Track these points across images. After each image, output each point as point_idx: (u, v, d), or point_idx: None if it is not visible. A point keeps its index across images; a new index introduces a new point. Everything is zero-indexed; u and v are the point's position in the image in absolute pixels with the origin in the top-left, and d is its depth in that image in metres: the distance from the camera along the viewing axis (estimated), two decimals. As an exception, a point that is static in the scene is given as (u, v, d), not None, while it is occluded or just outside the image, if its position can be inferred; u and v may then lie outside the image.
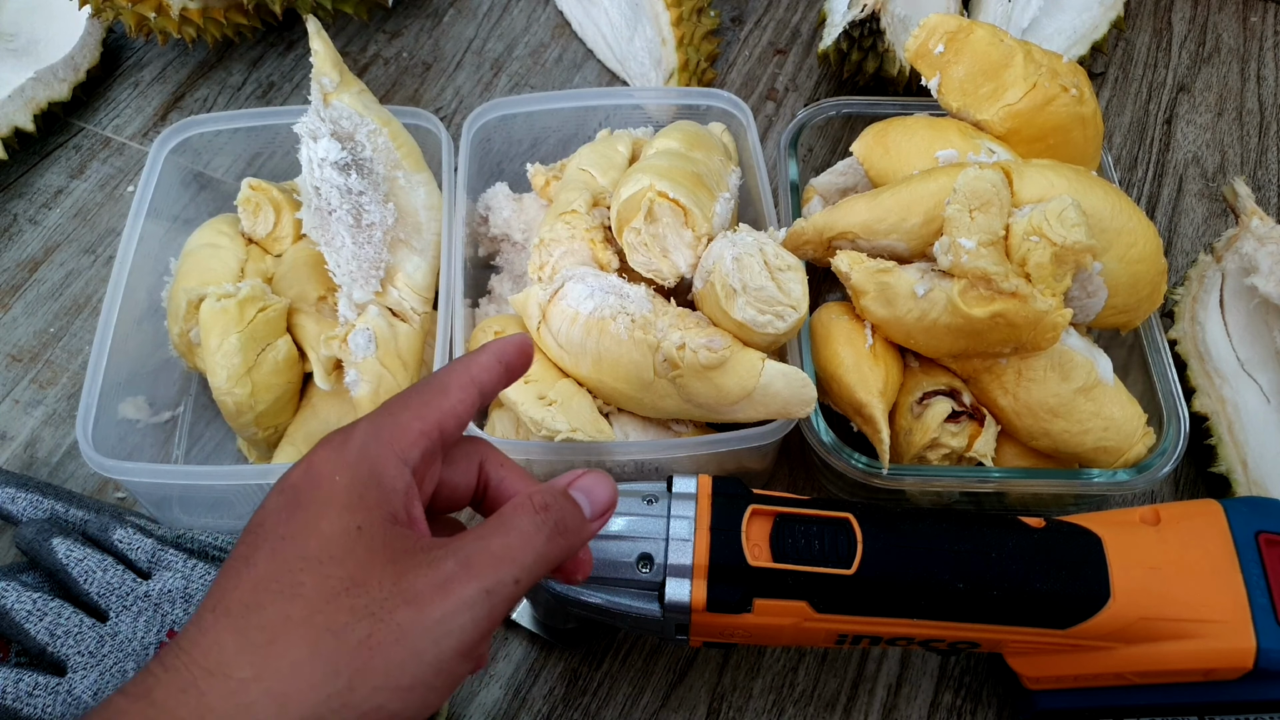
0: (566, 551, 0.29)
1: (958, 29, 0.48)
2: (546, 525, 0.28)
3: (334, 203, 0.47)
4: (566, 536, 0.28)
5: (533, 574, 0.27)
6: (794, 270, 0.42)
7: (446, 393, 0.30)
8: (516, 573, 0.27)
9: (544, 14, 0.71)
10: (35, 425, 0.53)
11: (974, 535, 0.37)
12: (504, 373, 0.32)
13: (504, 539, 0.27)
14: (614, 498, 0.30)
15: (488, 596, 0.26)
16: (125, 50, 0.69)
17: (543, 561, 0.28)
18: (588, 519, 0.29)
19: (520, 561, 0.27)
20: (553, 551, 0.28)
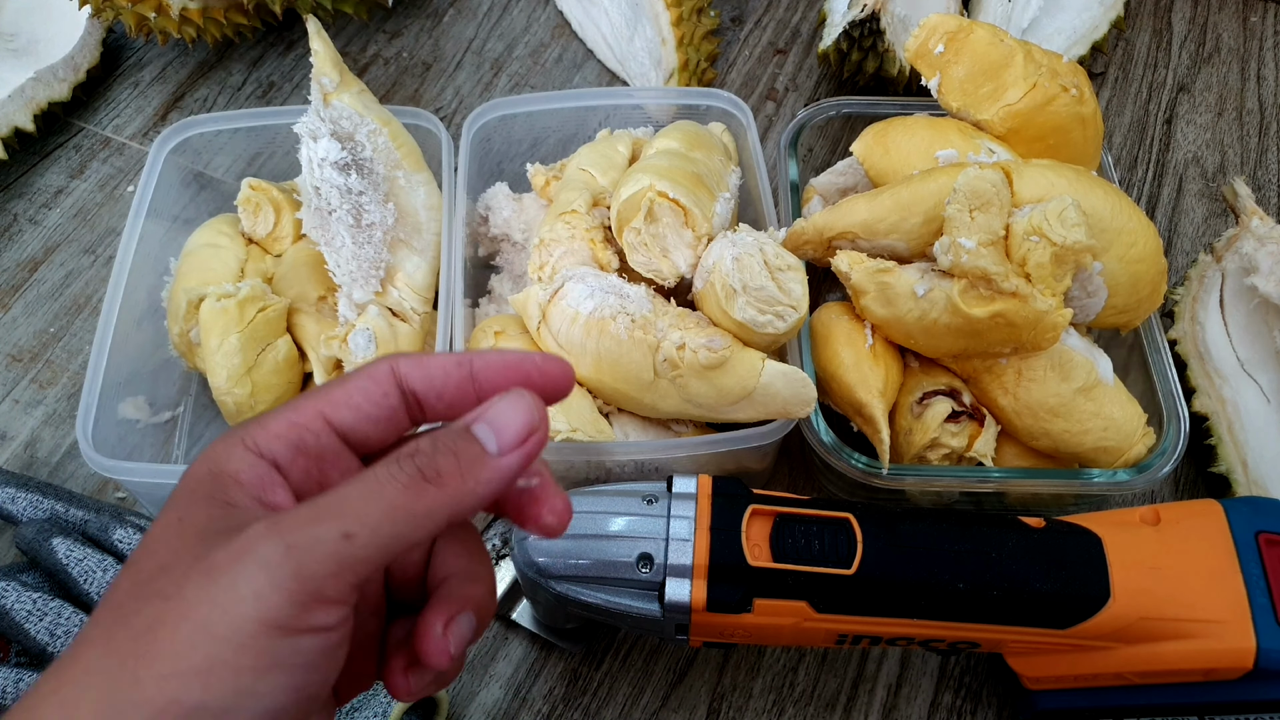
0: (452, 501, 0.24)
1: (958, 29, 0.48)
2: (403, 473, 0.24)
3: (334, 203, 0.47)
4: (444, 483, 0.24)
5: (385, 530, 0.23)
6: (794, 270, 0.42)
7: (346, 382, 0.27)
8: (345, 526, 0.22)
9: (544, 14, 0.71)
10: (35, 425, 0.53)
11: (974, 535, 0.37)
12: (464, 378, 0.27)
13: (342, 491, 0.23)
14: (531, 421, 0.25)
15: (289, 554, 0.22)
16: (125, 50, 0.69)
17: (404, 515, 0.23)
18: (493, 454, 0.24)
19: (355, 515, 0.23)
20: (419, 503, 0.23)
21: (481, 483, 0.24)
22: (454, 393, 0.27)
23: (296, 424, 0.25)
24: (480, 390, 0.27)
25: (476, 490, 0.24)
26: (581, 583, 0.37)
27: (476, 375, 0.27)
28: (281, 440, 0.25)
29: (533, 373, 0.27)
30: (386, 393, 0.26)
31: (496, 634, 0.47)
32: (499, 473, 0.25)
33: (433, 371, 0.27)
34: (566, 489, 0.39)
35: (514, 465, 0.25)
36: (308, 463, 0.26)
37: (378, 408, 0.26)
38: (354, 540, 0.22)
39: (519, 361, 0.27)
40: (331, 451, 0.26)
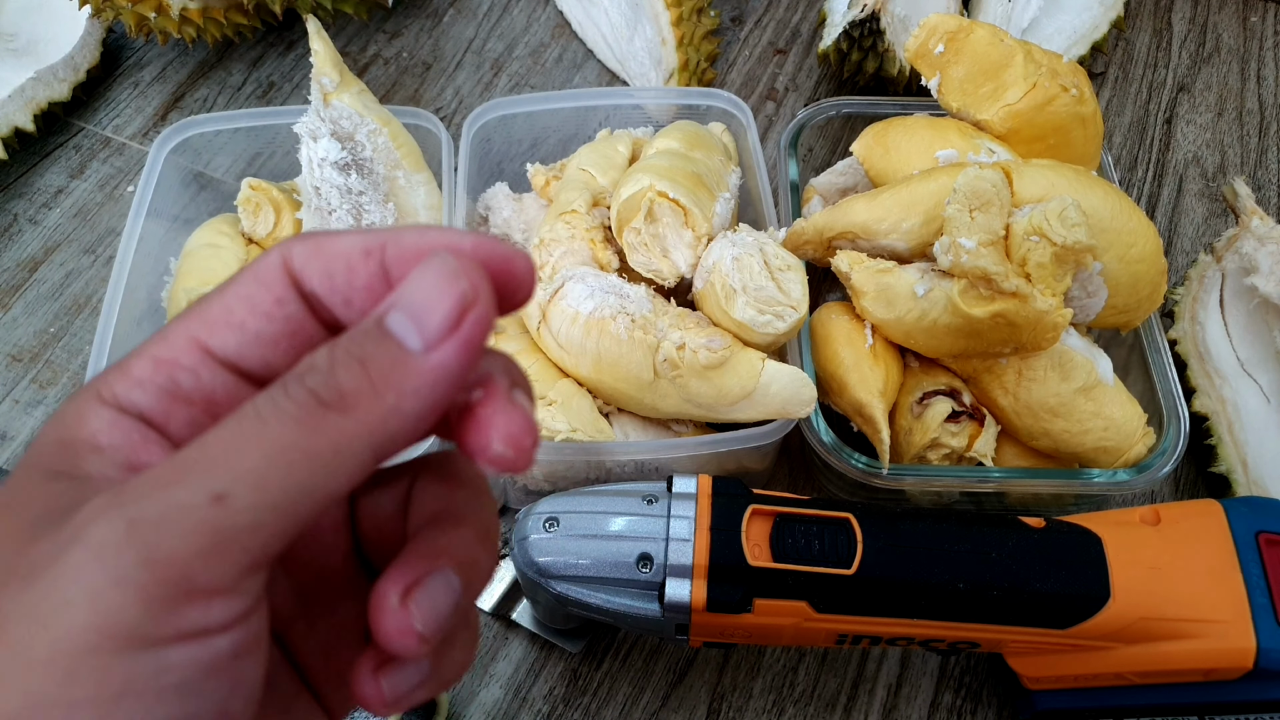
0: (370, 428, 0.17)
1: (958, 29, 0.48)
2: (292, 400, 0.16)
3: (334, 203, 0.47)
4: (352, 404, 0.16)
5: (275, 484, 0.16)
6: (794, 270, 0.42)
7: (225, 291, 0.19)
8: (214, 484, 0.16)
9: (544, 14, 0.71)
10: (36, 425, 0.53)
11: (974, 535, 0.37)
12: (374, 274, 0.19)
13: (210, 436, 0.16)
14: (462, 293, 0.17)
15: (133, 532, 0.15)
16: (125, 50, 0.69)
17: (301, 458, 0.16)
18: (416, 351, 0.17)
19: (227, 466, 0.16)
20: (320, 439, 0.16)
21: (407, 395, 0.17)
22: (364, 297, 0.19)
23: (165, 361, 0.18)
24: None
25: (401, 407, 0.17)
26: (581, 583, 0.37)
27: (391, 269, 0.19)
28: (147, 386, 0.18)
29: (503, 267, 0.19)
30: (280, 298, 0.19)
31: (496, 634, 0.47)
32: (430, 376, 0.17)
33: (333, 265, 0.19)
34: (567, 489, 0.40)
35: (450, 362, 0.17)
36: (192, 411, 0.19)
37: (270, 321, 0.19)
38: (229, 503, 0.15)
39: (446, 245, 0.19)
40: (223, 391, 0.19)
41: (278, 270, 0.19)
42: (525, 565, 0.38)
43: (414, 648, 0.18)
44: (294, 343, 0.19)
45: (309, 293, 0.19)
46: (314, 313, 0.19)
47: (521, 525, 0.38)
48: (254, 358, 0.19)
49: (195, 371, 0.19)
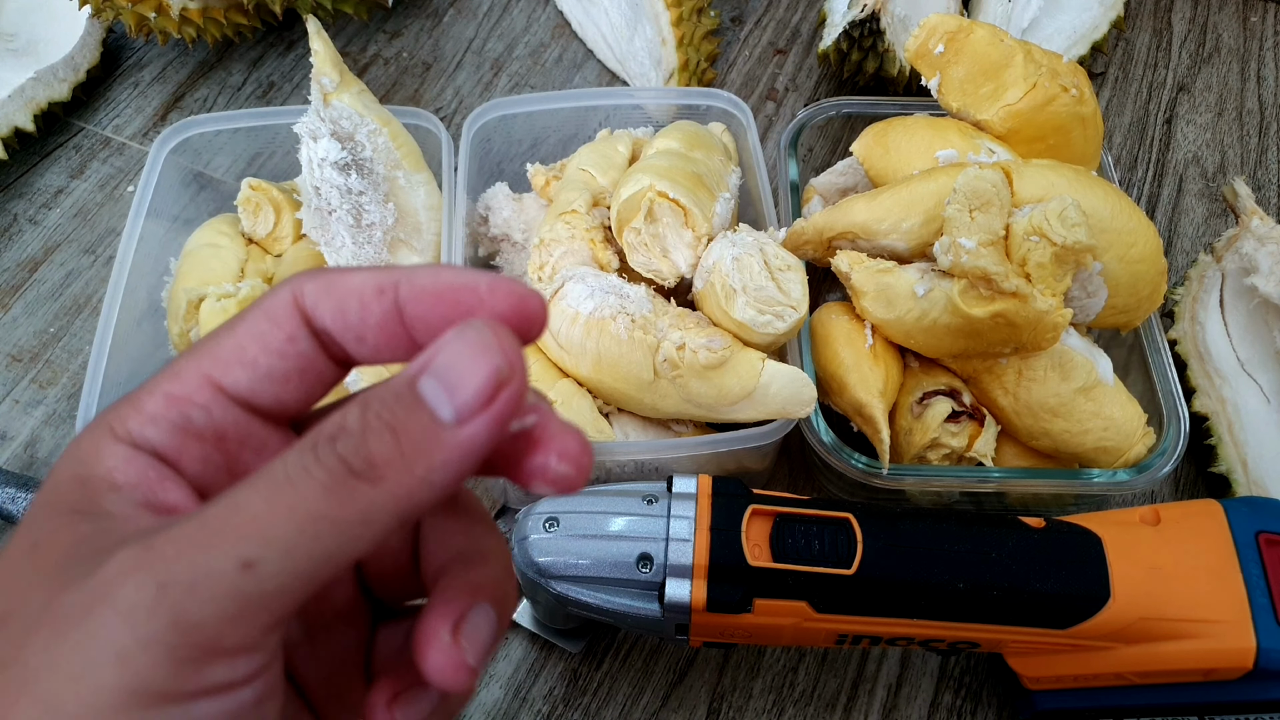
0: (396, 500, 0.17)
1: (958, 29, 0.48)
2: (322, 467, 0.16)
3: (334, 203, 0.47)
4: (381, 476, 0.16)
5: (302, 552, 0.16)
6: (794, 270, 0.42)
7: (236, 327, 0.19)
8: (244, 551, 0.16)
9: (544, 14, 0.71)
10: (35, 425, 0.53)
11: (974, 535, 0.37)
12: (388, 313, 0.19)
13: (238, 496, 0.17)
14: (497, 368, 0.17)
15: (163, 596, 0.15)
16: (125, 50, 0.69)
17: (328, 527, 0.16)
18: (448, 423, 0.17)
19: (257, 533, 0.16)
20: (348, 509, 0.16)
21: (436, 468, 0.17)
22: (377, 335, 0.19)
23: (178, 398, 0.19)
24: (414, 331, 0.19)
25: (430, 479, 0.17)
26: (581, 583, 0.37)
27: (404, 307, 0.19)
28: (160, 423, 0.18)
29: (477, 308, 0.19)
30: (291, 336, 0.19)
31: (496, 634, 0.47)
32: (460, 451, 0.17)
33: (346, 302, 0.19)
34: (566, 489, 0.40)
35: (481, 436, 0.17)
36: (204, 448, 0.19)
37: (282, 359, 0.19)
38: (258, 570, 0.16)
39: (460, 286, 0.19)
40: (235, 428, 0.19)
41: (289, 307, 0.19)
42: (525, 565, 0.38)
43: (465, 681, 0.19)
44: (305, 379, 0.19)
45: (321, 329, 0.19)
46: (325, 349, 0.19)
47: (521, 525, 0.38)
48: (266, 394, 0.19)
49: (208, 408, 0.19)
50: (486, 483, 0.50)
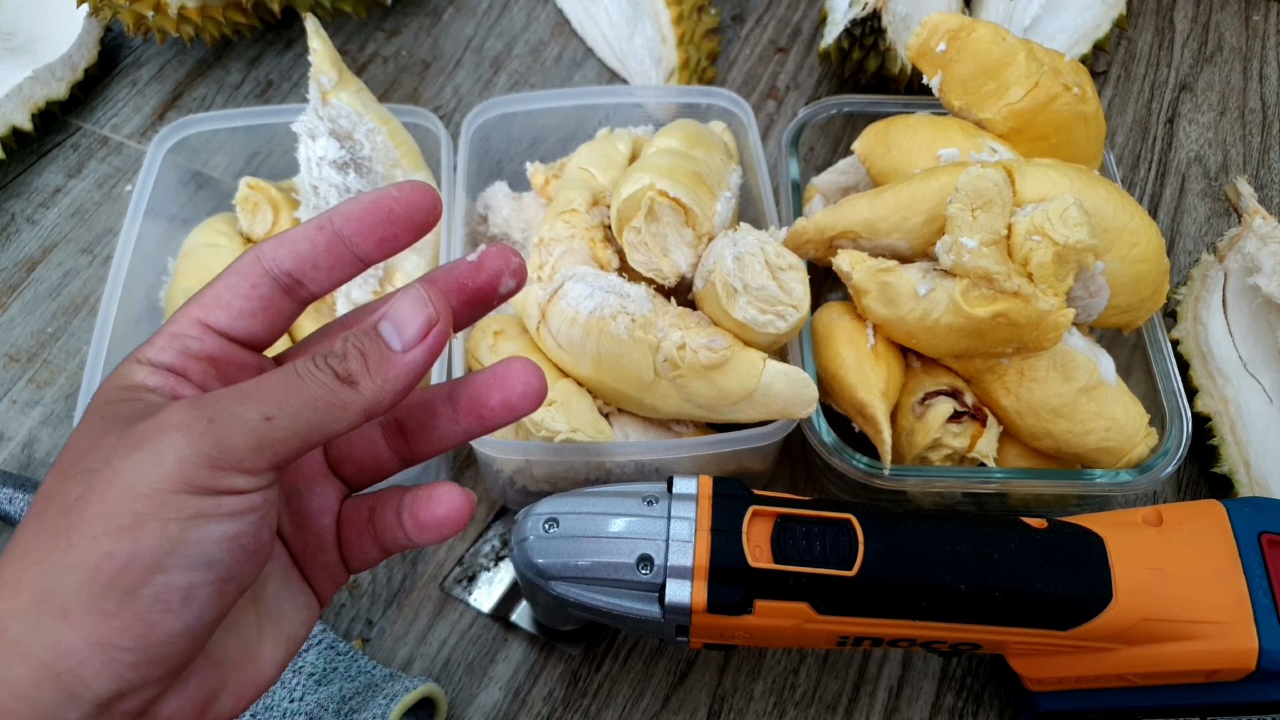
0: (366, 399, 0.25)
1: (959, 27, 0.47)
2: (321, 372, 0.25)
3: (332, 201, 0.47)
4: (357, 382, 0.25)
5: (304, 418, 0.24)
6: (795, 270, 0.42)
7: (215, 282, 0.28)
8: (267, 409, 0.24)
9: (543, 12, 0.71)
10: (33, 425, 0.53)
11: (976, 536, 0.37)
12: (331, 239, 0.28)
13: (265, 378, 0.25)
14: (428, 315, 0.26)
15: (211, 426, 0.23)
16: (123, 49, 0.69)
17: (323, 406, 0.25)
18: (398, 351, 0.26)
19: (276, 401, 0.24)
20: (334, 397, 0.25)
21: (391, 379, 0.26)
22: (327, 257, 0.27)
23: (178, 334, 0.27)
24: (353, 246, 0.27)
25: (386, 386, 0.26)
26: (581, 584, 0.37)
27: (341, 232, 0.27)
28: (169, 351, 0.27)
29: (393, 206, 0.27)
30: (254, 284, 0.27)
31: (495, 636, 0.47)
32: (405, 368, 0.26)
33: (299, 246, 0.27)
34: (567, 489, 0.39)
35: (419, 360, 0.26)
36: (201, 365, 0.27)
37: (249, 300, 0.27)
38: (274, 423, 0.24)
39: (376, 200, 0.27)
40: (222, 353, 0.27)
41: (253, 263, 0.27)
42: (524, 566, 0.37)
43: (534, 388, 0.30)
44: (268, 315, 0.28)
45: (284, 273, 0.27)
46: (285, 291, 0.28)
47: (521, 526, 0.38)
48: (239, 327, 0.27)
49: (200, 339, 0.27)
50: (486, 482, 0.50)
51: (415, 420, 0.31)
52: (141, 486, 0.23)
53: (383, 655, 0.46)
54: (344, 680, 0.43)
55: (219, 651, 0.26)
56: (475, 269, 0.30)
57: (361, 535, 0.30)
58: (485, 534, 0.49)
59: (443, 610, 0.47)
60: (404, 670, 0.45)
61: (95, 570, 0.22)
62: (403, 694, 0.41)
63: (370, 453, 0.31)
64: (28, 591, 0.22)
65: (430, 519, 0.29)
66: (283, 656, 0.28)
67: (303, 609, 0.29)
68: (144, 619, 0.22)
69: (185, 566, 0.23)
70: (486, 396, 0.30)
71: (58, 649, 0.22)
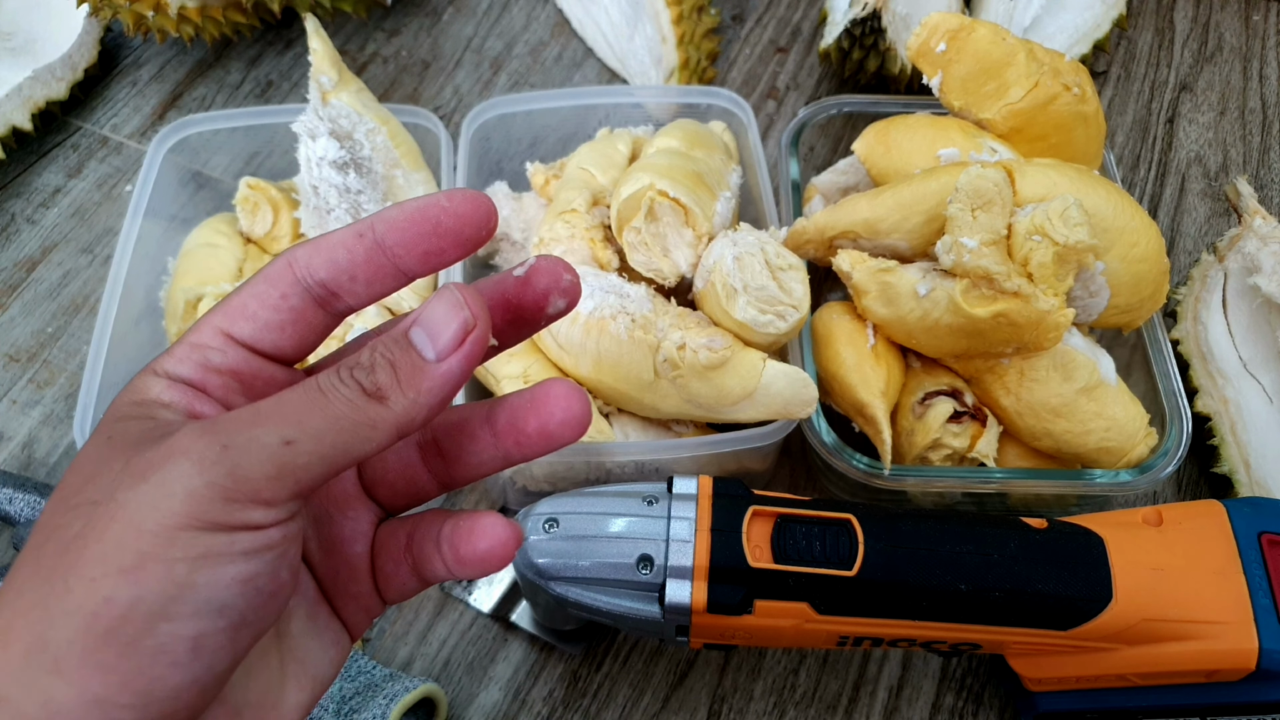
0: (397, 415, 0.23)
1: (959, 27, 0.47)
2: (346, 387, 0.22)
3: (332, 201, 0.47)
4: (386, 396, 0.22)
5: (328, 440, 0.22)
6: (795, 270, 0.42)
7: (242, 289, 0.25)
8: (286, 432, 0.21)
9: (543, 12, 0.71)
10: (33, 425, 0.53)
11: (976, 536, 0.37)
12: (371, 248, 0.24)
13: (284, 396, 0.22)
14: (464, 319, 0.23)
15: (225, 453, 0.21)
16: (123, 49, 0.69)
17: (349, 426, 0.22)
18: (431, 360, 0.23)
19: (297, 422, 0.22)
20: (361, 416, 0.22)
21: (424, 392, 0.23)
22: (366, 269, 0.24)
23: (198, 345, 0.24)
24: (395, 259, 0.24)
25: (420, 400, 0.23)
26: (581, 584, 0.37)
27: (382, 241, 0.24)
28: (187, 363, 0.24)
29: (441, 217, 0.24)
30: (284, 294, 0.24)
31: (495, 636, 0.47)
32: (440, 380, 0.23)
33: (336, 253, 0.24)
34: (567, 489, 0.39)
35: (456, 370, 0.23)
36: (223, 379, 0.24)
37: (277, 312, 0.24)
38: (295, 447, 0.21)
39: (422, 208, 0.24)
40: (247, 367, 0.25)
41: (284, 270, 0.24)
42: (524, 566, 0.37)
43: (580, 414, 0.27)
44: (298, 328, 0.25)
45: (318, 282, 0.24)
46: (318, 302, 0.25)
47: (521, 526, 0.38)
48: (265, 340, 0.25)
49: (222, 351, 0.24)
50: (486, 482, 0.50)
51: (453, 441, 0.28)
52: (147, 522, 0.20)
53: (383, 655, 0.46)
54: (344, 680, 0.43)
55: (236, 697, 0.23)
56: (522, 284, 0.27)
57: (399, 564, 0.27)
58: (485, 534, 0.49)
59: (443, 610, 0.47)
60: (404, 670, 0.45)
61: (93, 618, 0.20)
62: (403, 694, 0.41)
63: (407, 475, 0.28)
64: (19, 641, 0.20)
65: (472, 554, 0.26)
66: (307, 700, 0.25)
67: (330, 646, 0.26)
68: (147, 673, 0.20)
69: (193, 614, 0.20)
70: (524, 422, 0.27)
71: (50, 706, 0.19)
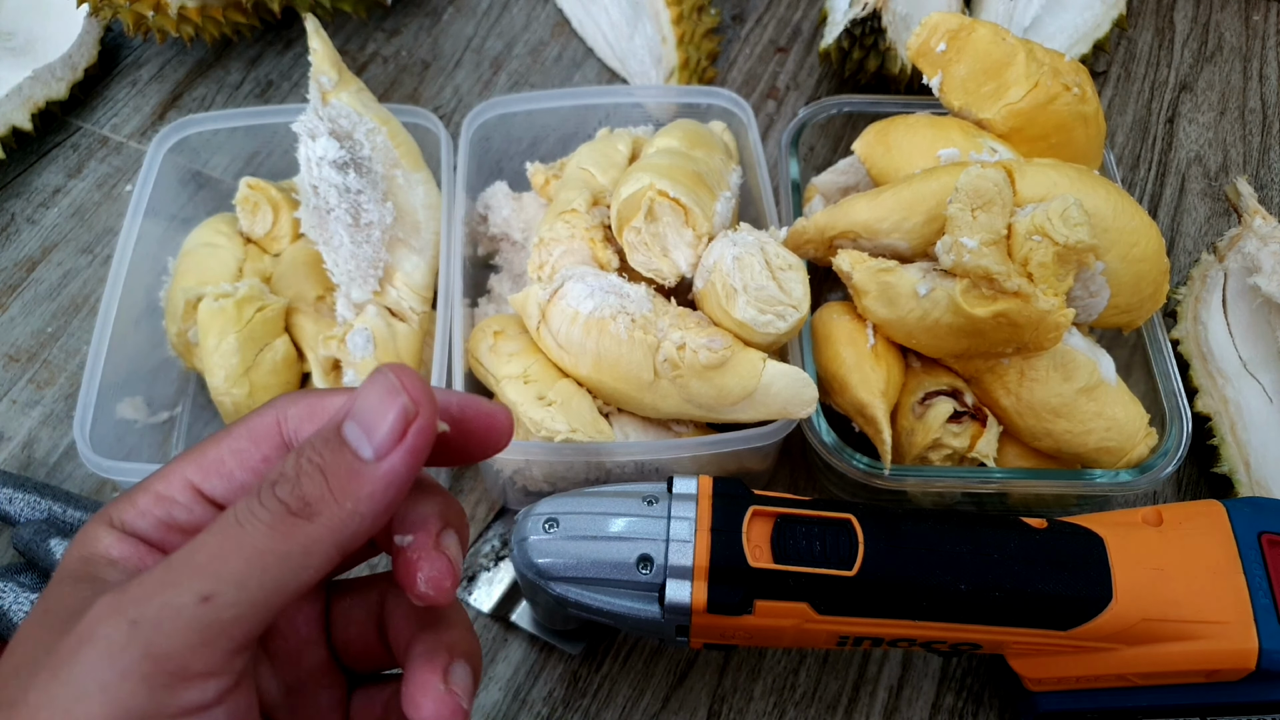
0: (332, 532, 0.19)
1: (959, 27, 0.47)
2: (265, 510, 0.19)
3: (332, 201, 0.47)
4: (316, 512, 0.19)
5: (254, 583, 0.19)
6: (795, 270, 0.42)
7: (220, 441, 0.22)
8: (202, 586, 0.18)
9: (543, 12, 0.71)
10: (33, 425, 0.53)
11: (976, 536, 0.37)
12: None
13: (195, 543, 0.20)
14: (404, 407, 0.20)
15: (135, 631, 0.18)
16: (123, 49, 0.69)
17: (274, 560, 0.19)
18: (366, 460, 0.20)
19: (212, 571, 0.19)
20: (290, 543, 0.19)
21: (363, 500, 0.20)
22: None
23: (164, 497, 0.22)
24: None
25: (359, 511, 0.20)
26: (581, 584, 0.37)
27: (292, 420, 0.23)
28: (147, 517, 0.22)
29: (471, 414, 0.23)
30: (266, 456, 0.22)
31: (495, 636, 0.47)
32: (382, 483, 0.20)
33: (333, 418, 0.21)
34: (567, 489, 0.39)
35: (399, 468, 0.20)
36: (184, 537, 0.22)
37: (254, 475, 0.22)
38: (215, 601, 0.18)
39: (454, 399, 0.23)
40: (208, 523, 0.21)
41: (271, 430, 0.22)
42: (524, 566, 0.37)
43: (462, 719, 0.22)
44: None
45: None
46: None
47: (521, 526, 0.38)
48: (238, 499, 0.21)
49: (188, 507, 0.22)
50: (486, 482, 0.50)
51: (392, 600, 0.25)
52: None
53: (383, 655, 0.46)
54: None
55: None
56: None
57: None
58: (485, 534, 0.49)
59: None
60: (404, 670, 0.45)
61: None
62: (403, 694, 0.41)
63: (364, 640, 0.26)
64: None
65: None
66: None
67: None
68: None
69: None
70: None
71: None
